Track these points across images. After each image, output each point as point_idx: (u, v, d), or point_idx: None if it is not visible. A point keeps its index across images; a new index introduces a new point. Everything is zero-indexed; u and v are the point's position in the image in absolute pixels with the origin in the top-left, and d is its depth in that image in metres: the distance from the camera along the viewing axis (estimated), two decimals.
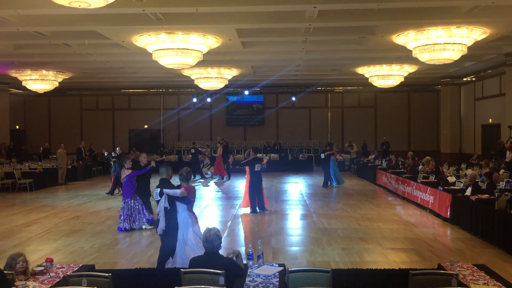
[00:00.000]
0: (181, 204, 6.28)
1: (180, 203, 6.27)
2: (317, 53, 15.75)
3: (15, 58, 15.81)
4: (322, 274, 4.42)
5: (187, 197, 6.20)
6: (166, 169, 6.60)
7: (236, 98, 26.22)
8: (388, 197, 14.37)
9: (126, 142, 26.65)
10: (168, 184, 6.38)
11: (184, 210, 6.27)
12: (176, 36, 11.93)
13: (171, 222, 6.27)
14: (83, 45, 13.75)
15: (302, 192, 15.42)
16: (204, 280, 4.22)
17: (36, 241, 8.91)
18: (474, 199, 9.24)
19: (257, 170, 11.66)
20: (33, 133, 26.84)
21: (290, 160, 23.56)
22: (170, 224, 6.25)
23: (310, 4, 9.77)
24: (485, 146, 20.73)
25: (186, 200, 6.25)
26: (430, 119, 25.85)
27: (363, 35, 12.88)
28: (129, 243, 8.69)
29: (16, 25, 11.19)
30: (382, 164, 18.22)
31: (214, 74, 18.16)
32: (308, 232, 9.62)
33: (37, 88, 18.84)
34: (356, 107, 26.33)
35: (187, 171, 6.46)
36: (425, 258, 7.50)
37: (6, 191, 15.98)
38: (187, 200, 6.24)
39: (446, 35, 11.62)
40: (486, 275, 4.57)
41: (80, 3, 7.14)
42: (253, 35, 13.00)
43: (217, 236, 4.58)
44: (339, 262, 7.30)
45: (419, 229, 9.77)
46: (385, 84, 18.73)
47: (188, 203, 6.29)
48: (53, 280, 4.59)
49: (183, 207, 6.28)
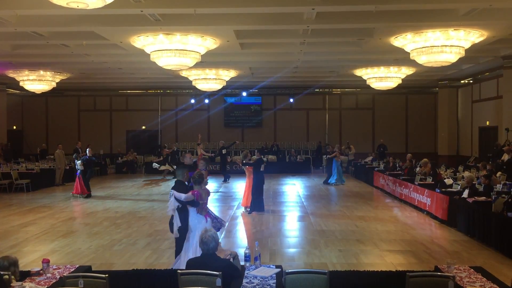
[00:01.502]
0: (192, 208, 6.32)
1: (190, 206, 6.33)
2: (315, 55, 15.76)
3: (12, 58, 15.77)
4: (319, 276, 4.42)
5: (195, 200, 6.19)
6: (182, 171, 6.72)
7: (234, 100, 26.21)
8: (386, 199, 14.39)
9: (124, 143, 26.64)
10: (182, 186, 6.46)
11: (195, 213, 6.28)
12: (174, 37, 11.92)
13: (182, 223, 6.41)
14: (81, 45, 13.73)
15: (300, 194, 15.42)
16: (201, 282, 4.21)
17: (32, 242, 8.89)
18: (471, 201, 9.26)
19: (261, 171, 11.89)
20: (31, 134, 26.77)
21: (287, 162, 23.55)
22: (181, 225, 6.41)
23: (308, 6, 9.78)
24: (482, 149, 20.77)
25: (192, 203, 6.26)
26: (428, 121, 25.89)
27: (361, 37, 12.90)
28: (126, 244, 8.67)
29: (14, 26, 11.16)
30: (379, 166, 18.25)
31: (212, 75, 18.15)
32: (305, 233, 9.62)
33: (35, 88, 18.79)
34: (354, 109, 26.35)
35: (198, 174, 6.48)
36: (422, 260, 7.51)
37: (3, 191, 15.94)
38: (194, 203, 6.24)
39: (444, 37, 11.64)
40: (483, 277, 4.58)
41: (78, 3, 7.13)
42: (251, 36, 13.02)
43: (213, 238, 4.54)
44: (336, 264, 7.30)
45: (416, 231, 9.78)
46: (383, 86, 18.76)
47: (195, 205, 6.27)
48: (50, 281, 4.57)
49: (194, 210, 6.30)
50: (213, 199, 14.43)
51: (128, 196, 15.20)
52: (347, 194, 15.59)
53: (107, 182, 19.27)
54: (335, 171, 18.04)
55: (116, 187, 17.57)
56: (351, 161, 22.59)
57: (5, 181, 16.06)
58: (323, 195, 15.15)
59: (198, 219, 6.28)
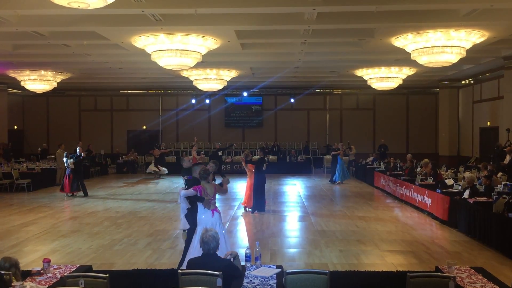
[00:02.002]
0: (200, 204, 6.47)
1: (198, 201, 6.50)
2: (316, 55, 15.77)
3: (13, 58, 15.79)
4: (319, 276, 4.42)
5: (198, 195, 6.33)
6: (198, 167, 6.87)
7: (234, 100, 26.22)
8: (386, 200, 14.38)
9: (125, 143, 26.65)
10: (196, 183, 6.60)
11: (202, 208, 6.42)
12: (175, 37, 11.93)
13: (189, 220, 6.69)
14: (82, 45, 13.73)
15: (300, 194, 15.42)
16: (201, 281, 4.21)
17: (33, 242, 8.89)
18: (472, 201, 9.25)
19: (263, 170, 11.89)
20: (32, 134, 26.79)
21: (288, 162, 23.55)
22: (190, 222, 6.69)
23: (309, 6, 9.78)
24: (483, 149, 20.76)
25: (196, 198, 6.44)
26: (429, 122, 25.88)
27: (362, 37, 12.90)
28: (127, 244, 8.67)
29: (15, 25, 11.18)
30: (380, 166, 18.25)
31: (213, 76, 18.16)
32: (306, 234, 9.62)
33: (36, 88, 18.81)
34: (354, 109, 26.35)
35: (204, 169, 6.60)
36: (422, 260, 7.51)
37: (4, 191, 15.96)
38: (198, 198, 6.40)
39: (445, 38, 11.64)
40: (483, 278, 4.58)
41: (79, 3, 7.14)
42: (252, 36, 13.02)
43: (213, 237, 4.53)
44: (337, 264, 7.30)
45: (417, 231, 9.77)
46: (383, 86, 18.76)
47: (199, 200, 6.42)
48: (51, 281, 4.58)
49: (201, 205, 6.45)
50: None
51: (129, 196, 15.20)
52: (348, 194, 15.59)
53: (106, 182, 19.28)
54: (339, 169, 18.27)
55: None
56: (351, 162, 22.58)
57: (6, 181, 16.06)
58: (323, 195, 15.14)
59: (205, 213, 6.38)
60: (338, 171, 18.32)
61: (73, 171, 14.83)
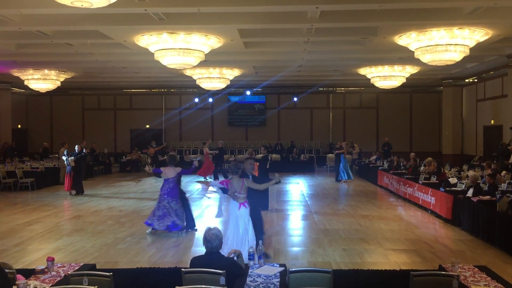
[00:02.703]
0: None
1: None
2: (319, 54, 15.75)
3: (17, 57, 15.84)
4: (323, 274, 4.42)
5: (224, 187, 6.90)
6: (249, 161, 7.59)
7: (238, 99, 26.22)
8: (390, 198, 14.36)
9: (128, 142, 26.69)
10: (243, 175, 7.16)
11: (233, 201, 6.86)
12: (178, 36, 11.94)
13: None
14: (85, 44, 13.77)
15: (304, 193, 15.41)
16: (204, 280, 4.21)
17: (37, 240, 8.92)
18: (475, 200, 9.22)
19: (267, 168, 11.96)
20: (35, 133, 26.88)
21: (291, 161, 23.54)
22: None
23: (312, 5, 9.77)
24: (487, 148, 20.70)
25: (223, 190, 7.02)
26: (432, 121, 25.82)
27: (365, 36, 12.87)
28: (130, 242, 8.70)
29: (19, 25, 11.21)
30: (383, 165, 18.23)
31: (216, 74, 18.16)
32: (309, 232, 9.62)
33: (39, 87, 18.87)
34: (358, 108, 26.31)
35: (234, 164, 7.22)
36: (426, 259, 7.50)
37: (8, 190, 16.01)
38: (223, 190, 6.99)
39: (448, 36, 11.61)
40: (487, 277, 4.57)
41: (82, 2, 7.15)
42: (255, 35, 13.00)
43: (216, 236, 4.53)
44: (340, 263, 7.29)
45: (420, 230, 9.75)
46: (387, 85, 18.72)
47: (225, 192, 6.98)
48: (54, 279, 4.59)
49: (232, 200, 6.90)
50: (216, 198, 14.44)
51: (132, 194, 15.23)
52: (351, 193, 15.57)
53: (110, 181, 19.31)
54: (342, 168, 18.32)
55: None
56: (355, 160, 22.56)
57: (9, 180, 16.13)
58: (327, 194, 15.13)
59: (233, 205, 6.86)
60: (342, 170, 18.35)
61: (73, 169, 14.90)
